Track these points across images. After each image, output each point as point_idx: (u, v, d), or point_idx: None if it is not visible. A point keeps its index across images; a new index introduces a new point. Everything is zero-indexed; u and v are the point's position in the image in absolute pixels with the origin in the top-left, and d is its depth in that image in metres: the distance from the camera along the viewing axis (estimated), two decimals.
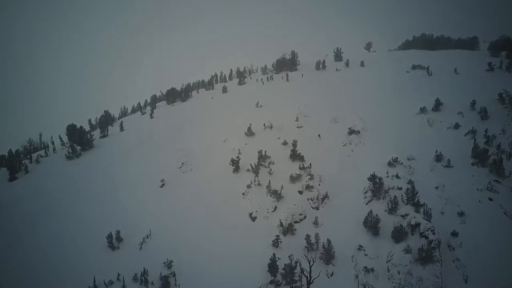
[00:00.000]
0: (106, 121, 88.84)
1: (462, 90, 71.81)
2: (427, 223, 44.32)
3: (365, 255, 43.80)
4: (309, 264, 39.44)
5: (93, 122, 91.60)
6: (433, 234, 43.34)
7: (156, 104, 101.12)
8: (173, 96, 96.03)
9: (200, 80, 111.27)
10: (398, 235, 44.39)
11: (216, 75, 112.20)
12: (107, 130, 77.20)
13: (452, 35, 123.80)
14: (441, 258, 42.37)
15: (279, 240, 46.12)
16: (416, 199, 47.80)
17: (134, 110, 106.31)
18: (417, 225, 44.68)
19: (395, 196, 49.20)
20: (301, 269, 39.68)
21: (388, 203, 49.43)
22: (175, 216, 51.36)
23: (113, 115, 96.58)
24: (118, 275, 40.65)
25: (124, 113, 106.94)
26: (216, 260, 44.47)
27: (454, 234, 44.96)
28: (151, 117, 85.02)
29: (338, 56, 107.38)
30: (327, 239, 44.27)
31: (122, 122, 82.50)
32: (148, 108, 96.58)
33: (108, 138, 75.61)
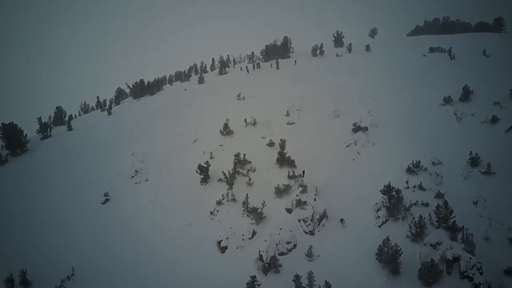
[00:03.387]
0: (58, 119, 76.77)
1: (496, 76, 60.00)
2: (470, 257, 32.01)
3: None
4: None
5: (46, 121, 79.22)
6: (481, 274, 31.01)
7: (124, 100, 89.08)
8: (140, 89, 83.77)
9: (177, 72, 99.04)
10: (429, 275, 32.04)
11: (195, 65, 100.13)
12: (50, 130, 64.71)
13: (467, 20, 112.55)
14: None
15: (256, 283, 33.59)
16: (452, 220, 35.50)
17: (98, 106, 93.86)
18: (456, 259, 32.39)
19: (421, 215, 36.89)
20: None
21: (410, 226, 37.13)
22: (115, 247, 38.97)
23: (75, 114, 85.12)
24: None
25: (85, 110, 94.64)
26: None
27: (510, 271, 32.83)
28: (109, 113, 72.69)
29: (338, 41, 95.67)
30: (325, 281, 31.85)
31: (70, 120, 70.05)
32: (113, 104, 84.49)
33: (50, 140, 63.37)
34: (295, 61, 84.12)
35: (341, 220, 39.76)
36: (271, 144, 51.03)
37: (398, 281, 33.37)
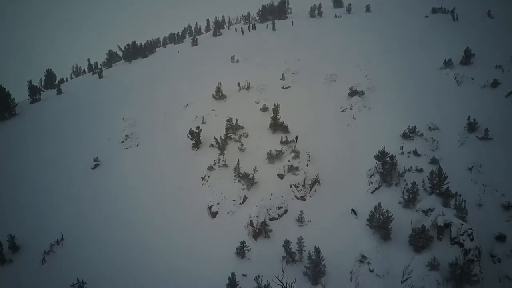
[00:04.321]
0: (49, 82, 75.22)
1: (500, 38, 57.97)
2: (461, 223, 31.85)
3: (370, 270, 31.51)
4: None
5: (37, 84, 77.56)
6: (472, 240, 30.94)
7: (116, 63, 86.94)
8: (132, 52, 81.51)
9: (171, 33, 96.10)
10: (419, 240, 32.01)
11: (189, 26, 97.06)
12: (39, 94, 63.34)
13: None
14: (482, 275, 30.21)
15: (245, 248, 33.66)
16: (445, 186, 35.12)
17: (90, 69, 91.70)
18: (447, 225, 32.26)
19: (414, 182, 36.51)
20: None
21: (403, 192, 36.86)
22: (105, 211, 38.72)
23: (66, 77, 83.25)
24: None
25: (77, 73, 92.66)
26: (154, 281, 32.14)
27: (501, 237, 32.77)
28: (100, 77, 71.01)
29: (337, 1, 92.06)
30: (315, 246, 31.84)
31: (60, 84, 68.53)
32: (105, 67, 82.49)
33: (39, 104, 62.11)
34: (292, 22, 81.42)
35: (353, 211, 36.49)
36: (264, 109, 50.01)
37: (389, 246, 33.41)
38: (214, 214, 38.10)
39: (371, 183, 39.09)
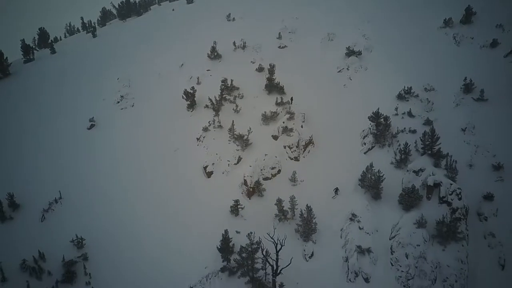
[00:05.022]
0: (42, 41, 73.80)
1: None
2: (450, 183, 32.59)
3: (360, 228, 32.63)
4: (276, 248, 28.16)
5: (30, 44, 76.19)
6: (459, 199, 31.78)
7: (110, 21, 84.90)
8: (127, 9, 79.46)
9: None
10: (409, 200, 32.92)
11: None
12: (33, 54, 62.46)
13: None
14: (468, 233, 31.29)
15: (239, 207, 34.61)
16: (437, 147, 35.54)
17: (84, 28, 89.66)
18: (437, 185, 33.04)
19: (406, 142, 36.93)
20: (264, 254, 28.47)
21: (395, 153, 37.36)
22: (101, 171, 39.41)
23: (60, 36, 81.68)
24: None
25: (70, 32, 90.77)
26: (150, 237, 33.36)
27: (488, 196, 33.68)
28: (94, 36, 69.72)
29: None
30: (307, 205, 32.77)
31: (54, 43, 67.46)
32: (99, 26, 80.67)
33: (33, 63, 61.32)
34: None
35: (336, 190, 36.04)
36: (260, 69, 49.58)
37: (379, 205, 34.40)
38: (209, 174, 38.80)
39: (364, 144, 39.55)
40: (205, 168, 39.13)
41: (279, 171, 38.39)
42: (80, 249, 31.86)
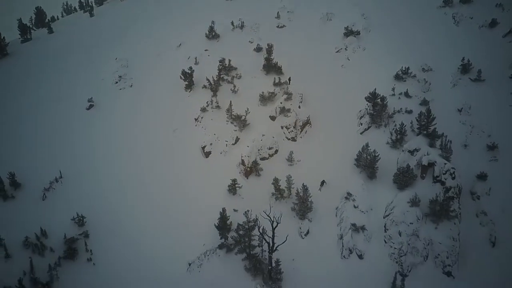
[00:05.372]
0: (39, 21, 73.17)
1: None
2: (445, 163, 33.07)
3: (355, 207, 33.34)
4: (272, 225, 28.85)
5: (27, 23, 75.52)
6: (453, 178, 32.31)
7: (108, 0, 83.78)
8: None
9: None
10: (403, 179, 33.49)
11: None
12: (30, 33, 62.03)
13: None
14: (460, 212, 31.96)
15: (237, 186, 35.21)
16: (432, 127, 35.90)
17: (81, 7, 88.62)
18: (431, 165, 33.54)
19: (402, 123, 37.28)
20: (260, 232, 29.18)
21: (391, 133, 37.76)
22: (101, 151, 39.77)
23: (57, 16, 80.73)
24: (0, 239, 30.13)
25: (68, 11, 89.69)
26: (150, 214, 34.09)
27: (482, 176, 34.21)
28: (91, 15, 69.04)
29: None
30: (303, 184, 33.35)
31: (51, 22, 66.85)
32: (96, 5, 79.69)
33: (31, 43, 60.87)
34: None
35: (322, 182, 35.98)
36: (258, 49, 49.46)
37: (374, 184, 35.01)
38: (207, 154, 39.26)
39: (361, 124, 39.90)
40: (203, 148, 39.56)
41: (276, 151, 38.84)
42: (81, 227, 32.58)
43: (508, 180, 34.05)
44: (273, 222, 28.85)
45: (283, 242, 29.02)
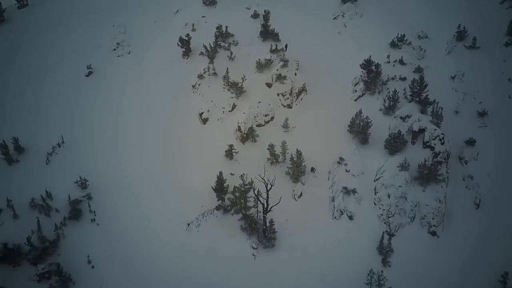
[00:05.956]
0: None
1: None
2: (435, 129, 34.10)
3: (347, 171, 34.64)
4: (266, 187, 30.23)
5: None
6: (442, 144, 33.44)
7: None
8: None
9: None
10: (394, 144, 34.60)
11: None
12: None
13: None
14: (448, 175, 33.28)
15: (234, 151, 36.39)
16: (424, 94, 36.66)
17: None
18: (421, 130, 34.58)
19: (395, 90, 38.00)
20: (255, 193, 30.60)
21: (384, 100, 38.56)
22: (101, 117, 40.78)
23: None
24: (8, 201, 31.61)
25: None
26: (150, 178, 35.49)
27: (470, 142, 35.31)
28: None
29: None
30: (297, 149, 34.46)
31: None
32: None
33: (28, 9, 60.02)
34: None
35: (312, 169, 35.95)
36: (255, 15, 49.30)
37: (365, 149, 36.18)
38: (205, 121, 40.20)
39: (355, 91, 40.60)
40: (200, 115, 40.45)
41: (272, 118, 39.73)
42: (84, 189, 34.07)
43: (495, 146, 35.21)
44: (267, 184, 30.20)
45: (277, 203, 30.49)
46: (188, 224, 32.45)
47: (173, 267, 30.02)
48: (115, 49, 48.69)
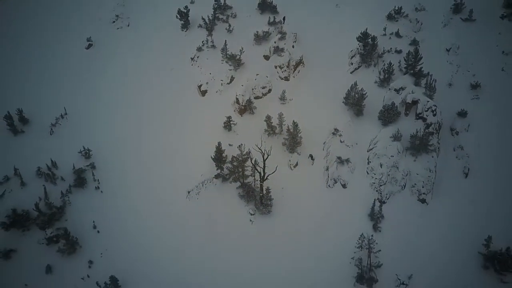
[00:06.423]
0: None
1: None
2: (427, 101, 34.99)
3: (341, 141, 35.72)
4: (263, 157, 31.42)
5: None
6: (434, 115, 34.42)
7: None
8: None
9: None
10: (387, 116, 35.60)
11: None
12: None
13: None
14: (439, 146, 34.44)
15: (232, 123, 37.40)
16: (419, 67, 37.35)
17: None
18: (415, 102, 35.45)
19: (390, 62, 38.63)
20: (252, 163, 31.84)
21: (380, 72, 39.26)
22: (102, 88, 41.62)
23: None
24: (15, 169, 32.91)
25: None
26: (150, 149, 36.71)
27: (462, 113, 36.22)
28: None
29: None
30: (293, 120, 35.45)
31: None
32: None
33: None
34: None
35: (310, 156, 36.27)
36: None
37: (360, 121, 37.15)
38: (203, 93, 41.01)
39: (352, 63, 41.19)
40: (199, 87, 41.21)
41: (269, 90, 40.49)
42: (88, 159, 35.31)
43: (487, 117, 36.10)
44: (264, 154, 31.37)
45: (273, 172, 31.77)
46: (189, 192, 33.86)
47: (174, 230, 31.64)
48: (114, 22, 48.94)
